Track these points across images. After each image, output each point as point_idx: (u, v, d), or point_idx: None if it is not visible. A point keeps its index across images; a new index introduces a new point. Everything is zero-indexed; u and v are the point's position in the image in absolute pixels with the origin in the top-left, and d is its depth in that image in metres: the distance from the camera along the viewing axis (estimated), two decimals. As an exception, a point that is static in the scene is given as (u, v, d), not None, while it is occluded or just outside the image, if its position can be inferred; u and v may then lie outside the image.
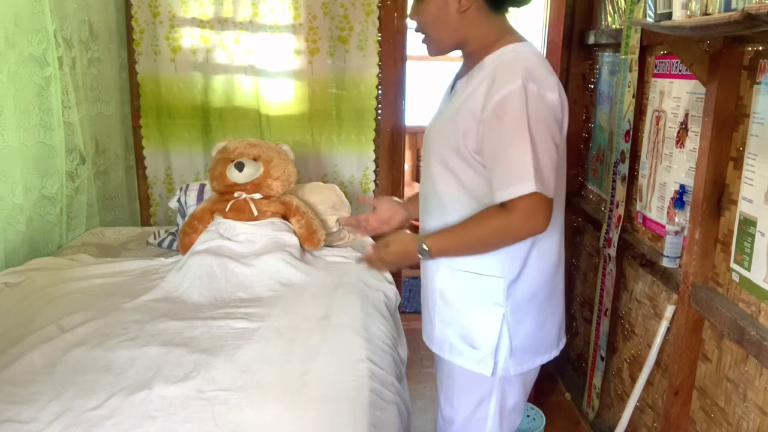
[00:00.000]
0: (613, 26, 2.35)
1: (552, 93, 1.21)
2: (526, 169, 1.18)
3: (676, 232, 1.74)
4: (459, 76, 1.41)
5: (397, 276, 2.99)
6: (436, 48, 1.37)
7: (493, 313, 1.37)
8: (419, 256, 1.34)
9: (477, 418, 1.47)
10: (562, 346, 1.53)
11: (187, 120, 2.87)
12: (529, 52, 1.27)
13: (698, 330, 1.66)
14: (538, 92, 1.19)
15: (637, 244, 1.99)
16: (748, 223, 1.44)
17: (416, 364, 2.78)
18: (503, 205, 1.23)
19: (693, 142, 1.71)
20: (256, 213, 2.16)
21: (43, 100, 2.14)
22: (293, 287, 1.94)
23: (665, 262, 1.77)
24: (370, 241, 2.46)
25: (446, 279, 1.42)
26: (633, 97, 2.02)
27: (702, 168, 1.57)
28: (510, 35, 1.32)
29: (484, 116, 1.22)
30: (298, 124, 2.87)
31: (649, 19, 1.52)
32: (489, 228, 1.26)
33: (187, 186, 2.48)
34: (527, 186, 1.18)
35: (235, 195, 2.19)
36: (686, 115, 1.76)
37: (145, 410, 1.29)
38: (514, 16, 1.38)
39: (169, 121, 2.87)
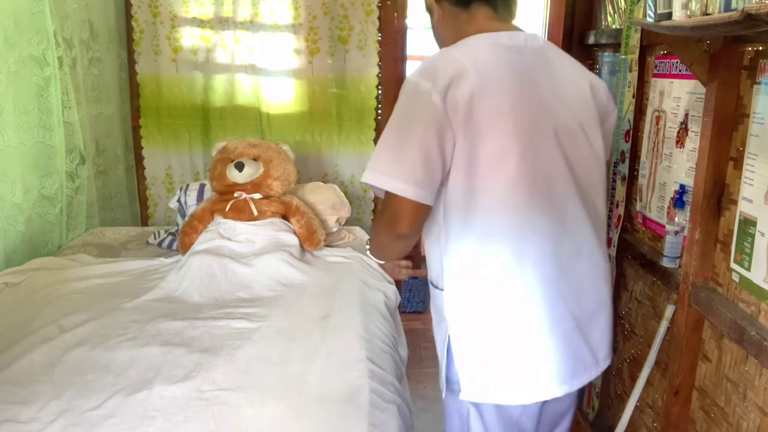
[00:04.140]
0: (613, 26, 2.35)
1: (438, 94, 1.12)
2: (373, 159, 1.19)
3: (676, 232, 1.74)
4: None
5: (397, 276, 3.00)
6: None
7: (441, 328, 1.32)
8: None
9: None
10: (544, 393, 1.26)
11: (187, 120, 2.87)
12: (463, 48, 1.20)
13: (698, 330, 1.66)
14: (424, 89, 1.13)
15: (637, 244, 1.99)
16: (748, 223, 1.44)
17: (416, 364, 2.78)
18: None
19: (693, 142, 1.71)
20: (256, 213, 2.16)
21: (43, 100, 2.13)
22: (293, 287, 1.93)
23: (665, 262, 1.77)
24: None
25: (431, 294, 1.39)
26: (633, 97, 2.02)
27: (702, 168, 1.57)
28: (478, 29, 1.26)
29: None
30: (298, 124, 2.87)
31: (649, 19, 1.52)
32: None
33: (187, 186, 2.49)
34: (367, 175, 1.19)
35: (235, 195, 2.19)
36: (686, 115, 1.76)
37: (145, 410, 1.29)
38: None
39: (169, 121, 2.87)
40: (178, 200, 2.45)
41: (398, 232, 1.21)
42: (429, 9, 1.35)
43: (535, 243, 1.21)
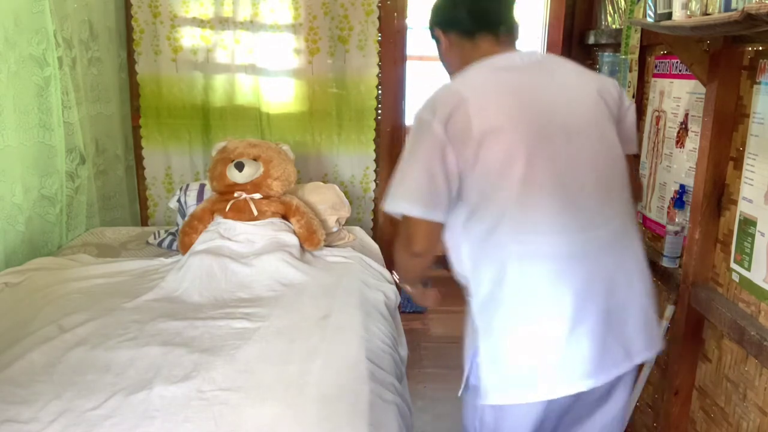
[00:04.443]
0: (613, 26, 2.35)
1: (439, 123, 1.22)
2: (390, 188, 1.29)
3: (676, 232, 1.74)
4: None
5: (397, 276, 3.00)
6: None
7: (470, 332, 1.35)
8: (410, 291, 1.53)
9: None
10: (549, 392, 1.26)
11: (187, 120, 2.87)
12: (463, 77, 1.31)
13: (698, 330, 1.66)
14: (426, 121, 1.24)
15: (637, 244, 1.99)
16: (748, 223, 1.44)
17: (416, 364, 2.78)
18: None
19: (693, 142, 1.71)
20: (256, 213, 2.16)
21: (43, 100, 2.13)
22: (293, 287, 1.93)
23: (665, 262, 1.77)
24: (374, 245, 2.48)
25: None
26: (633, 97, 2.02)
27: (702, 168, 1.57)
28: (481, 55, 1.35)
29: None
30: (298, 124, 2.87)
31: (649, 19, 1.52)
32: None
33: (187, 186, 2.49)
34: (386, 203, 1.29)
35: (235, 195, 2.19)
36: (686, 115, 1.76)
37: (145, 410, 1.29)
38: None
39: (169, 120, 2.87)
40: (178, 200, 2.45)
41: (414, 250, 1.31)
42: (437, 39, 1.46)
43: (548, 241, 1.24)
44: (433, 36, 1.47)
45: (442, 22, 1.43)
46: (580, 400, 1.33)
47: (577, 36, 2.64)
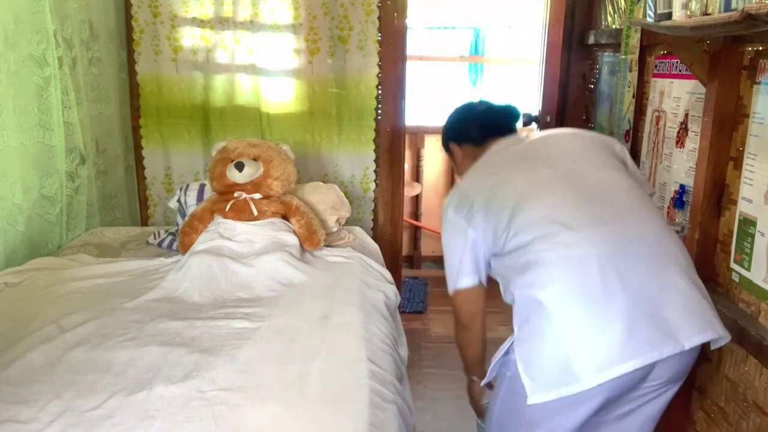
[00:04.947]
0: (613, 26, 2.35)
1: (454, 213, 1.50)
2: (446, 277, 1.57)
3: (676, 232, 1.74)
4: None
5: (397, 276, 2.99)
6: None
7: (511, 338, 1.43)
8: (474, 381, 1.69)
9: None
10: (584, 384, 1.27)
11: (187, 120, 2.87)
12: (468, 174, 1.58)
13: (698, 330, 1.66)
14: (446, 215, 1.53)
15: (637, 244, 1.99)
16: (748, 223, 1.44)
17: (416, 364, 2.78)
18: None
19: (693, 142, 1.72)
20: (256, 213, 2.16)
21: (43, 100, 2.13)
22: (293, 287, 1.93)
23: (665, 262, 1.77)
24: (374, 245, 2.49)
25: None
26: (633, 97, 2.02)
27: (702, 168, 1.57)
28: (483, 155, 1.60)
29: None
30: (298, 124, 2.87)
31: (649, 19, 1.52)
32: None
33: (187, 186, 2.49)
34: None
35: (235, 195, 2.19)
36: (686, 115, 1.76)
37: (145, 410, 1.29)
38: (514, 18, 1.40)
39: (169, 120, 2.87)
40: (178, 200, 2.45)
41: (460, 323, 1.59)
42: (451, 152, 1.75)
43: (549, 246, 1.35)
44: (448, 149, 1.76)
45: (456, 138, 1.73)
46: (639, 387, 1.36)
47: (577, 36, 2.64)
